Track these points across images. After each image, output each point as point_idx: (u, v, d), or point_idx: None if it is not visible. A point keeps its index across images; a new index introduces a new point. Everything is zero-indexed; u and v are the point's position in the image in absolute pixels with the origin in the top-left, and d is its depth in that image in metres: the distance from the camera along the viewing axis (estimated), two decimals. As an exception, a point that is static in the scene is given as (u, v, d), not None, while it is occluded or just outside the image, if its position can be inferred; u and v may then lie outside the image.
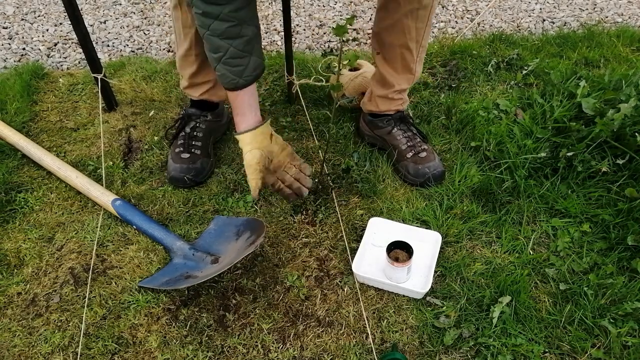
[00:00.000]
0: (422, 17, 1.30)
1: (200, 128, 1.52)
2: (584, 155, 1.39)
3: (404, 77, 1.43)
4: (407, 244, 1.19)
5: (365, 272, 1.20)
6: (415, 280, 1.20)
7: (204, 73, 1.45)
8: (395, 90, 1.45)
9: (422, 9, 1.29)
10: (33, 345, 1.11)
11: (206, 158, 1.48)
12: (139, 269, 1.25)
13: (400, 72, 1.42)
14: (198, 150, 1.48)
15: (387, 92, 1.46)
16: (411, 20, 1.30)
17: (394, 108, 1.49)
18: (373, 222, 1.31)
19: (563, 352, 1.08)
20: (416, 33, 1.33)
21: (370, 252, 1.27)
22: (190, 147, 1.48)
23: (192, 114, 1.53)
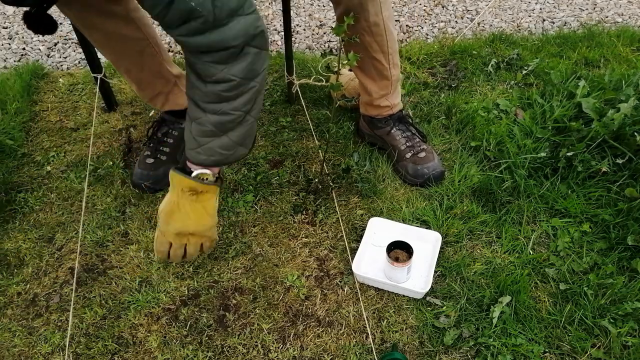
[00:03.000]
0: (377, 32, 1.31)
1: (172, 135, 1.48)
2: (584, 155, 1.39)
3: (382, 84, 1.43)
4: (407, 244, 1.19)
5: (365, 272, 1.20)
6: (415, 280, 1.20)
7: (150, 87, 1.42)
8: (377, 98, 1.46)
9: (374, 26, 1.29)
10: (33, 345, 1.11)
11: (172, 164, 1.43)
12: (139, 269, 1.25)
13: (377, 79, 1.43)
14: (164, 157, 1.45)
15: (370, 99, 1.47)
16: (368, 37, 1.31)
17: (385, 113, 1.49)
18: (373, 222, 1.31)
19: (563, 352, 1.08)
20: (378, 45, 1.34)
21: (370, 252, 1.27)
22: (157, 152, 1.45)
23: (166, 120, 1.50)
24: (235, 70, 0.94)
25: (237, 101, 0.98)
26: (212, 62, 0.93)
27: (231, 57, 0.92)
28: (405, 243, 1.19)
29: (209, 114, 1.00)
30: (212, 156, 1.05)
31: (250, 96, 0.99)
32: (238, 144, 1.06)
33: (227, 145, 1.04)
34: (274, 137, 1.61)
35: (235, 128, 1.03)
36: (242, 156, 1.09)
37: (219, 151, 1.05)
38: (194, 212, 1.09)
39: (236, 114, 1.00)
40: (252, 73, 0.96)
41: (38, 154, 1.57)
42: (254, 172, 1.48)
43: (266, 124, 1.66)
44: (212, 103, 0.99)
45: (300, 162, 1.52)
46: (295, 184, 1.45)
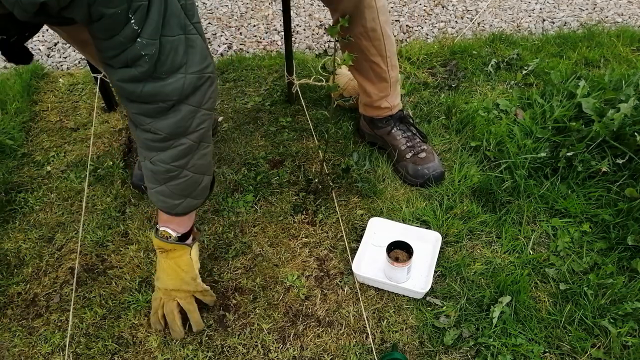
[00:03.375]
0: (374, 36, 1.31)
1: None
2: (584, 155, 1.39)
3: (381, 86, 1.44)
4: (407, 244, 1.19)
5: (365, 272, 1.20)
6: (415, 280, 1.20)
7: None
8: (377, 99, 1.46)
9: (371, 31, 1.30)
10: (33, 345, 1.11)
11: None
12: (139, 269, 1.25)
13: (376, 82, 1.43)
14: None
15: (369, 100, 1.47)
16: (365, 41, 1.32)
17: (384, 114, 1.49)
18: (373, 222, 1.31)
19: (563, 352, 1.07)
20: (376, 49, 1.35)
21: (371, 252, 1.27)
22: None
23: None
24: (161, 125, 0.89)
25: (165, 154, 0.93)
26: (139, 114, 0.89)
27: (160, 112, 0.88)
28: (405, 243, 1.19)
29: (145, 160, 0.96)
30: (158, 202, 1.01)
31: (181, 152, 0.93)
32: (181, 195, 0.99)
33: (168, 194, 0.99)
34: (274, 137, 1.61)
35: (172, 180, 0.97)
36: (194, 207, 1.04)
37: (161, 198, 1.00)
38: (169, 269, 1.07)
39: (165, 167, 0.94)
40: (181, 130, 0.90)
41: (38, 154, 1.57)
42: (254, 172, 1.48)
43: (266, 124, 1.67)
44: (143, 149, 0.95)
45: (300, 162, 1.52)
46: (295, 184, 1.45)
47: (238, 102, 1.78)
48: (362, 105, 1.53)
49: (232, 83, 1.87)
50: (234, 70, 1.94)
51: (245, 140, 1.60)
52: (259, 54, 2.10)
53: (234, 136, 1.62)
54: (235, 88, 1.84)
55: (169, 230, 1.05)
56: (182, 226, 1.07)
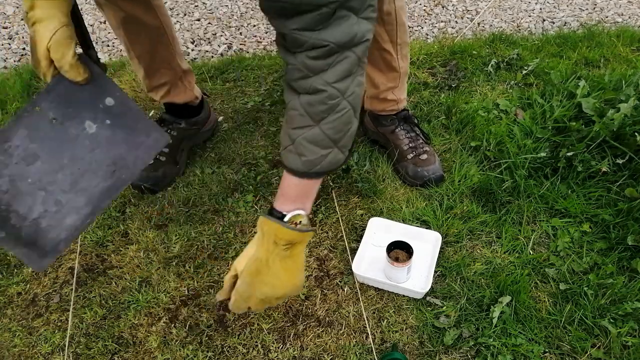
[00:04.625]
0: (388, 20, 1.31)
1: (170, 135, 1.48)
2: (584, 155, 1.39)
3: (390, 75, 1.43)
4: (407, 244, 1.19)
5: (365, 272, 1.20)
6: (415, 280, 1.20)
7: (157, 75, 1.42)
8: (384, 90, 1.45)
9: (385, 15, 1.29)
10: (33, 345, 1.11)
11: (171, 165, 1.46)
12: (139, 269, 1.25)
13: (385, 71, 1.42)
14: (163, 157, 1.45)
15: (376, 92, 1.46)
16: (379, 26, 1.31)
17: (389, 109, 1.49)
18: (373, 222, 1.31)
19: (563, 352, 1.08)
20: (388, 35, 1.33)
21: (370, 252, 1.27)
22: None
23: (165, 120, 1.50)
24: (326, 35, 0.80)
25: (328, 73, 0.83)
26: (301, 29, 0.80)
27: (322, 19, 0.79)
28: (405, 243, 1.19)
29: (301, 95, 0.86)
30: (302, 156, 0.88)
31: (344, 69, 0.84)
32: (332, 140, 0.88)
33: (319, 140, 0.88)
34: (274, 137, 1.61)
35: (328, 115, 0.86)
36: (338, 163, 0.91)
37: (310, 148, 0.88)
38: (285, 271, 0.90)
39: (328, 90, 0.84)
40: (347, 38, 0.81)
41: (38, 154, 1.57)
42: (254, 172, 1.48)
43: (266, 124, 1.67)
44: (302, 79, 0.85)
45: (300, 162, 1.51)
46: (295, 184, 1.45)
47: (238, 102, 1.78)
48: (368, 99, 1.51)
49: (232, 83, 1.87)
50: (234, 70, 1.94)
51: (245, 140, 1.60)
52: (259, 54, 2.10)
53: (234, 136, 1.62)
54: (235, 88, 1.84)
55: (300, 212, 0.90)
56: (310, 201, 0.93)
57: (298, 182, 0.90)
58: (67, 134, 0.89)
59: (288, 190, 0.91)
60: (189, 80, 1.50)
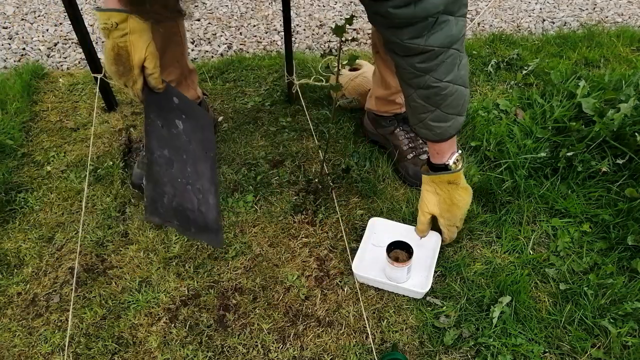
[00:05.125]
0: None
1: None
2: (584, 155, 1.39)
3: None
4: (407, 244, 1.19)
5: (365, 272, 1.20)
6: (415, 280, 1.20)
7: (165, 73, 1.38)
8: (394, 92, 1.44)
9: None
10: (33, 345, 1.11)
11: None
12: (139, 269, 1.25)
13: None
14: None
15: (386, 93, 1.45)
16: None
17: (392, 111, 1.49)
18: (373, 222, 1.31)
19: (563, 352, 1.08)
20: None
21: (371, 252, 1.27)
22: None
23: None
24: (432, 40, 0.94)
25: (437, 71, 0.98)
26: (412, 38, 0.94)
27: (428, 27, 0.92)
28: (405, 243, 1.19)
29: (417, 90, 1.03)
30: (431, 130, 1.09)
31: (450, 65, 0.98)
32: (452, 114, 1.06)
33: (442, 117, 1.06)
34: (274, 137, 1.61)
35: (444, 100, 1.03)
36: (460, 125, 1.10)
37: (435, 125, 1.07)
38: (465, 192, 1.17)
39: (440, 84, 1.00)
40: (449, 40, 0.95)
41: (38, 154, 1.57)
42: (254, 172, 1.48)
43: (266, 124, 1.67)
44: (415, 78, 1.01)
45: (300, 162, 1.52)
46: (295, 184, 1.45)
47: (238, 102, 1.78)
48: (374, 99, 1.50)
49: (232, 83, 1.87)
50: (234, 70, 1.94)
51: (245, 140, 1.60)
52: (259, 54, 2.10)
53: (234, 136, 1.62)
54: (235, 88, 1.84)
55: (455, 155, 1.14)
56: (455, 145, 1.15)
57: (438, 144, 1.12)
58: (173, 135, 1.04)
59: (436, 149, 1.14)
60: (192, 80, 1.50)
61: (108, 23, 0.93)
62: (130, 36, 0.95)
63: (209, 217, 1.06)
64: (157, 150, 1.02)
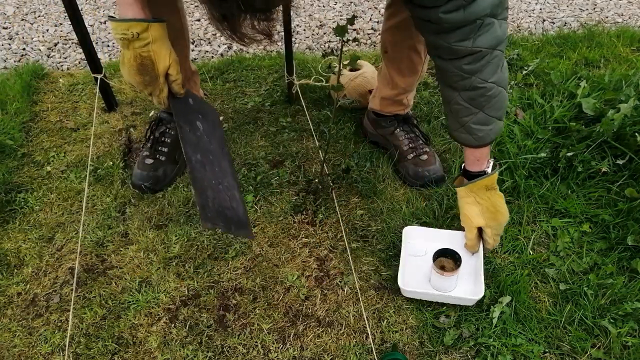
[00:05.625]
0: None
1: (169, 134, 1.48)
2: (584, 155, 1.39)
3: (410, 79, 1.41)
4: (452, 251, 1.15)
5: (413, 286, 1.15)
6: (466, 287, 1.16)
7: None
8: (401, 93, 1.44)
9: None
10: (33, 345, 1.11)
11: (171, 165, 1.46)
12: (139, 269, 1.25)
13: (406, 74, 1.40)
14: (163, 157, 1.45)
15: (393, 93, 1.45)
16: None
17: (395, 111, 1.49)
18: (406, 232, 1.25)
19: (563, 352, 1.07)
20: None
21: (411, 264, 1.21)
22: (156, 152, 1.45)
23: (163, 119, 1.50)
24: (480, 42, 0.96)
25: (484, 72, 1.00)
26: (460, 40, 0.96)
27: (476, 29, 0.94)
28: (450, 250, 1.15)
29: (461, 92, 1.04)
30: (473, 135, 1.09)
31: (494, 65, 1.00)
32: (493, 117, 1.07)
33: (483, 120, 1.07)
34: (274, 137, 1.61)
35: (488, 101, 1.05)
36: (500, 130, 1.11)
37: (478, 128, 1.08)
38: (500, 196, 1.15)
39: (486, 84, 1.01)
40: (495, 41, 0.97)
41: (38, 154, 1.57)
42: (254, 172, 1.48)
43: (266, 124, 1.67)
44: (461, 80, 1.02)
45: (300, 163, 1.52)
46: (295, 184, 1.45)
47: (238, 102, 1.78)
48: (379, 99, 1.50)
49: (232, 83, 1.87)
50: (234, 70, 1.94)
51: (245, 141, 1.60)
52: (259, 54, 2.10)
53: (234, 136, 1.62)
54: (235, 88, 1.85)
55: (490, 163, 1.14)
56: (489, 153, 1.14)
57: (478, 150, 1.12)
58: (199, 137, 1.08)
59: (475, 156, 1.13)
60: (195, 81, 1.51)
61: (128, 33, 0.92)
62: (153, 45, 0.95)
63: (239, 212, 1.11)
64: (192, 156, 1.06)
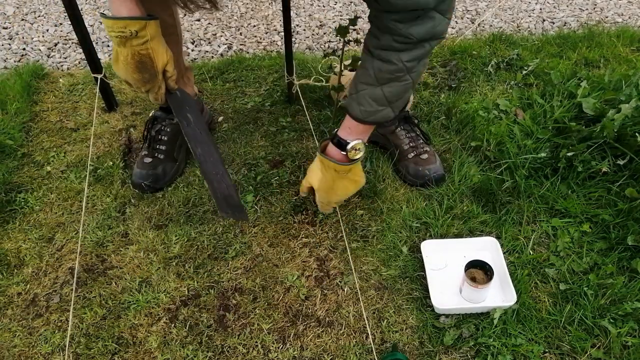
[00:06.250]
0: None
1: (165, 131, 1.48)
2: (584, 155, 1.39)
3: None
4: (482, 262, 1.15)
5: (448, 304, 1.14)
6: (496, 294, 1.16)
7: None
8: None
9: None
10: (33, 345, 1.11)
11: (170, 162, 1.46)
12: (139, 269, 1.25)
13: None
14: (162, 155, 1.45)
15: None
16: None
17: None
18: (425, 246, 1.24)
19: (563, 352, 1.07)
20: None
21: (437, 280, 1.20)
22: (154, 151, 1.45)
23: (158, 117, 1.51)
24: (414, 30, 0.97)
25: (406, 53, 1.01)
26: (397, 21, 0.96)
27: (415, 18, 0.96)
28: (480, 262, 1.15)
29: (375, 59, 1.04)
30: (361, 106, 1.09)
31: (418, 54, 1.02)
32: (388, 101, 1.08)
33: (378, 99, 1.08)
34: (274, 137, 1.61)
35: (391, 81, 1.06)
36: (388, 118, 1.12)
37: (369, 101, 1.08)
38: (350, 182, 1.20)
39: (398, 65, 1.02)
40: (429, 35, 0.99)
41: (38, 154, 1.57)
42: (254, 172, 1.48)
43: (266, 124, 1.67)
44: (382, 50, 1.03)
45: (300, 162, 1.52)
46: (295, 184, 1.45)
47: (238, 102, 1.78)
48: None
49: (232, 83, 1.87)
50: (234, 70, 1.94)
51: (245, 141, 1.60)
52: (259, 54, 2.10)
53: (234, 136, 1.62)
54: (235, 88, 1.84)
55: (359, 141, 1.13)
56: (367, 135, 1.16)
57: (357, 124, 1.12)
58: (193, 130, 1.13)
59: (350, 126, 1.14)
60: (188, 77, 1.51)
61: (125, 31, 0.92)
62: (151, 42, 0.95)
63: (235, 197, 1.17)
64: (196, 149, 1.13)
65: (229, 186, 1.15)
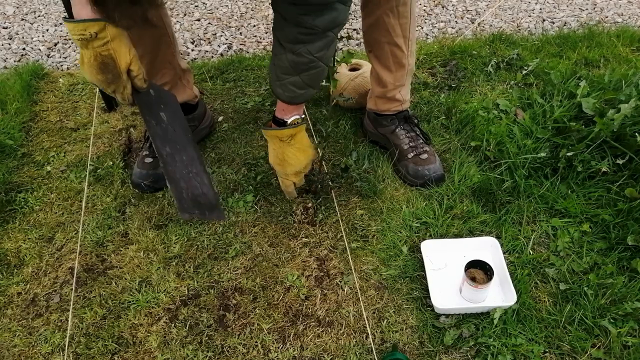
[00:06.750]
0: (403, 13, 1.31)
1: None
2: (584, 155, 1.39)
3: (398, 74, 1.43)
4: (483, 262, 1.15)
5: (448, 304, 1.14)
6: (496, 294, 1.16)
7: (158, 75, 1.42)
8: (392, 89, 1.45)
9: (402, 5, 1.30)
10: (33, 345, 1.11)
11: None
12: (139, 269, 1.25)
13: (394, 69, 1.42)
14: None
15: (384, 90, 1.46)
16: (393, 18, 1.32)
17: (393, 109, 1.49)
18: (425, 246, 1.24)
19: (563, 352, 1.08)
20: (401, 29, 1.34)
21: (437, 280, 1.20)
22: (154, 151, 1.44)
23: None
24: (319, 21, 1.04)
25: (313, 45, 1.09)
26: (303, 14, 1.03)
27: (320, 10, 1.03)
28: (480, 261, 1.15)
29: (288, 53, 1.11)
30: (286, 92, 1.17)
31: (324, 44, 1.09)
32: (308, 84, 1.17)
33: (298, 84, 1.16)
34: (274, 137, 1.61)
35: (307, 70, 1.13)
36: (311, 96, 1.21)
37: (291, 88, 1.17)
38: (297, 151, 1.25)
39: (309, 57, 1.10)
40: (333, 25, 1.06)
41: (38, 154, 1.57)
42: (254, 172, 1.48)
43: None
44: (291, 43, 1.09)
45: (300, 162, 1.51)
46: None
47: (238, 102, 1.78)
48: (373, 99, 1.51)
49: (232, 83, 1.87)
50: (234, 70, 1.94)
51: (245, 140, 1.60)
52: (259, 54, 2.10)
53: (234, 136, 1.62)
54: (235, 88, 1.84)
55: (296, 117, 1.23)
56: (301, 110, 1.26)
57: (287, 105, 1.21)
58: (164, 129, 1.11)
59: (283, 108, 1.22)
60: (187, 79, 1.50)
61: (85, 33, 0.93)
62: (112, 43, 0.96)
63: (210, 196, 1.16)
64: (162, 150, 1.10)
65: (204, 185, 1.15)
